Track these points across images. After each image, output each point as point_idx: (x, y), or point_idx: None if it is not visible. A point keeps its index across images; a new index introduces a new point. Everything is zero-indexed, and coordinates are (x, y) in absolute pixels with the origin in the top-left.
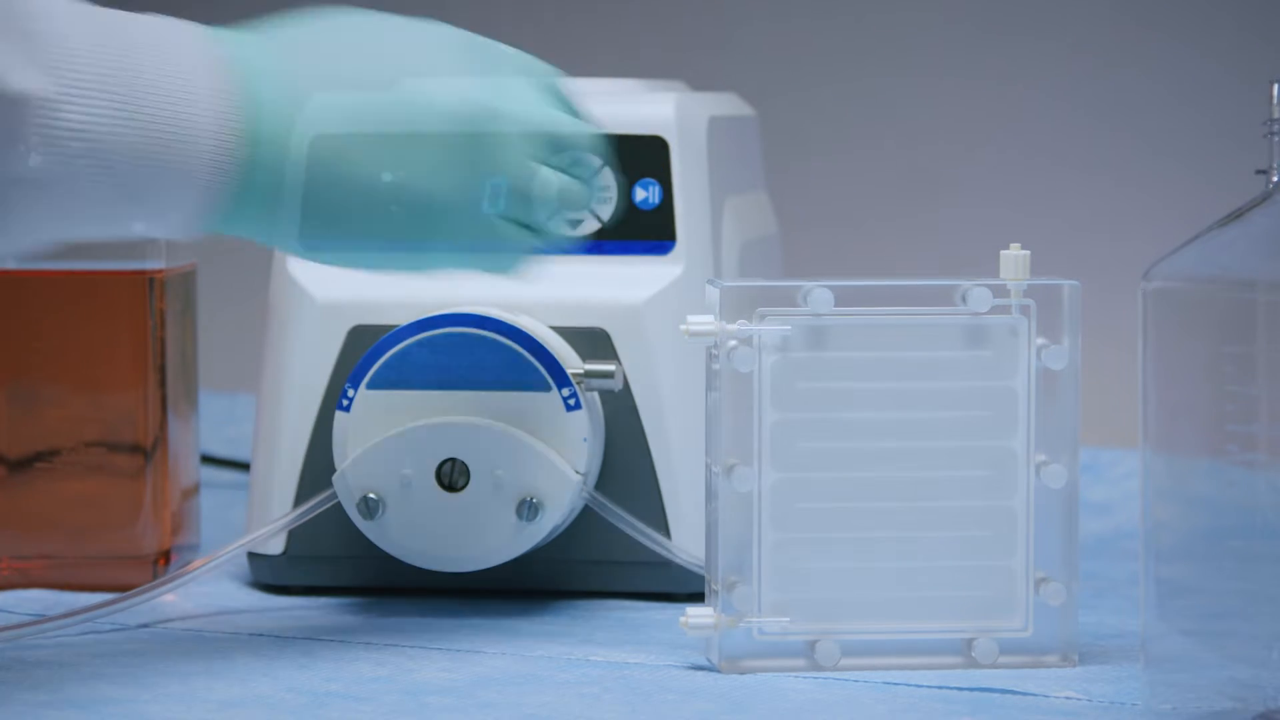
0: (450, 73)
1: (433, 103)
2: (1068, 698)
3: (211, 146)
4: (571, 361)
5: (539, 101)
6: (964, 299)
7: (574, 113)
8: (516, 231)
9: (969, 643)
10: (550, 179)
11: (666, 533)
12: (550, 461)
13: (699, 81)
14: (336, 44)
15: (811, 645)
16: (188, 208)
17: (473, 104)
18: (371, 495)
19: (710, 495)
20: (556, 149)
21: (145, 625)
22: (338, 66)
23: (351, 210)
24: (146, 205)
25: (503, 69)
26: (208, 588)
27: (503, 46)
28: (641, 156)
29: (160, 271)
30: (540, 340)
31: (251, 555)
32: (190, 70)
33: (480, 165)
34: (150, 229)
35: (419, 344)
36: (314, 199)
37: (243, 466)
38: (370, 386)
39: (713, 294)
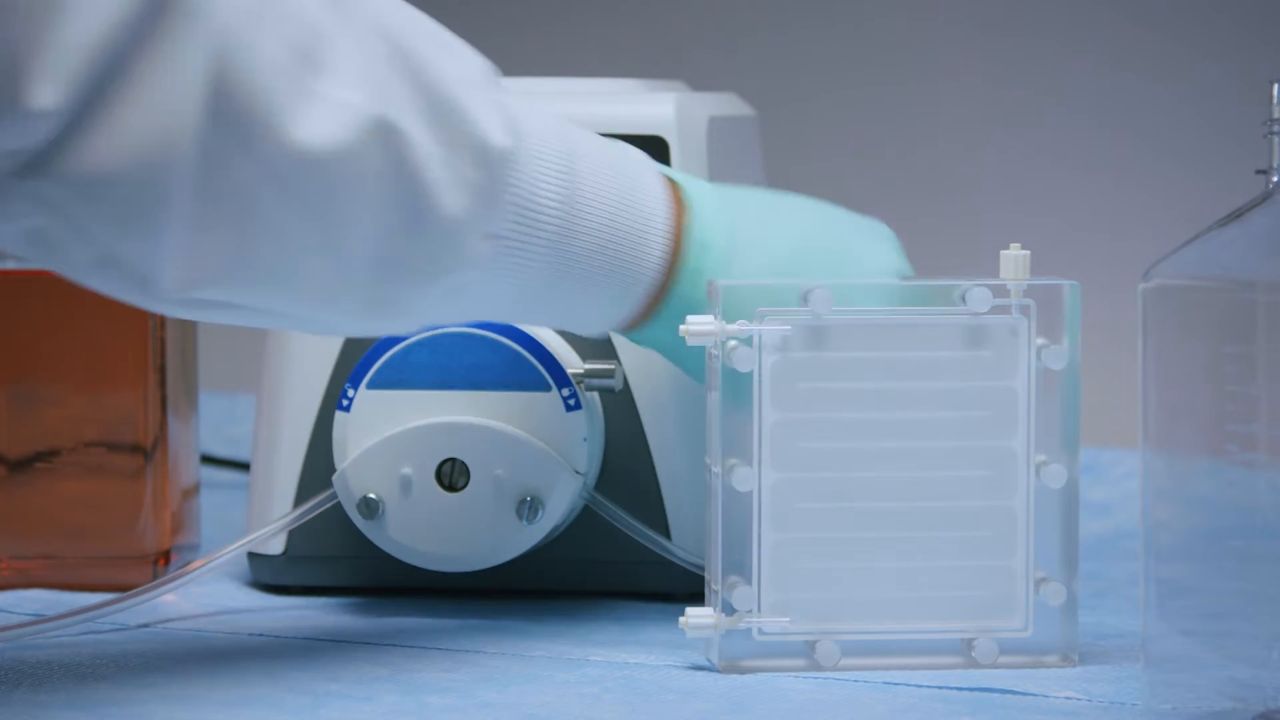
0: (880, 258)
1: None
2: (1068, 698)
3: (651, 252)
4: (571, 361)
5: None
6: (964, 299)
7: None
8: None
9: (969, 643)
10: None
11: (666, 533)
12: (550, 461)
13: (699, 81)
14: (780, 218)
15: (811, 645)
16: (619, 308)
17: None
18: (371, 495)
19: (710, 495)
20: None
21: (145, 625)
22: (778, 237)
23: None
24: (580, 297)
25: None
26: (208, 588)
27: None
28: None
29: None
30: (540, 340)
31: (251, 555)
32: (648, 186)
33: None
34: (572, 320)
35: (419, 344)
36: None
37: (243, 466)
38: (370, 386)
39: (713, 294)
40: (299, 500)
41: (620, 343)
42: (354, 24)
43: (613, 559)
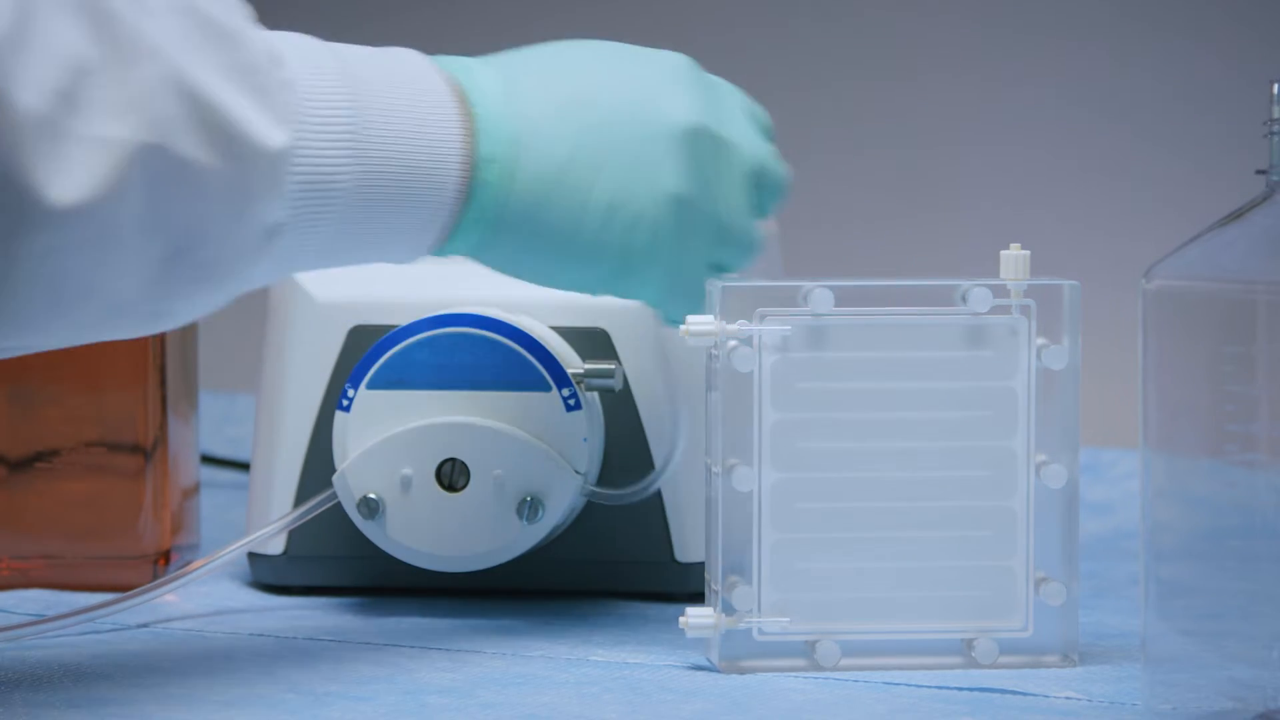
0: (677, 102)
1: (664, 121)
2: (1068, 698)
3: (447, 180)
4: (571, 361)
5: (757, 138)
6: (964, 299)
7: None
8: (709, 270)
9: (969, 643)
10: (758, 228)
11: (666, 533)
12: (550, 461)
13: None
14: (563, 67)
15: (811, 645)
16: (423, 239)
17: (702, 131)
18: (371, 495)
19: (710, 495)
20: (760, 189)
21: (145, 625)
22: (564, 88)
23: (567, 229)
24: (383, 240)
25: (727, 103)
26: (208, 588)
27: (723, 82)
28: None
29: None
30: (540, 340)
31: (251, 555)
32: (423, 105)
33: (703, 194)
34: (379, 258)
35: (419, 344)
36: (533, 216)
37: (243, 466)
38: (370, 386)
39: (713, 294)
40: (299, 500)
41: (620, 343)
42: (121, 47)
43: (613, 559)
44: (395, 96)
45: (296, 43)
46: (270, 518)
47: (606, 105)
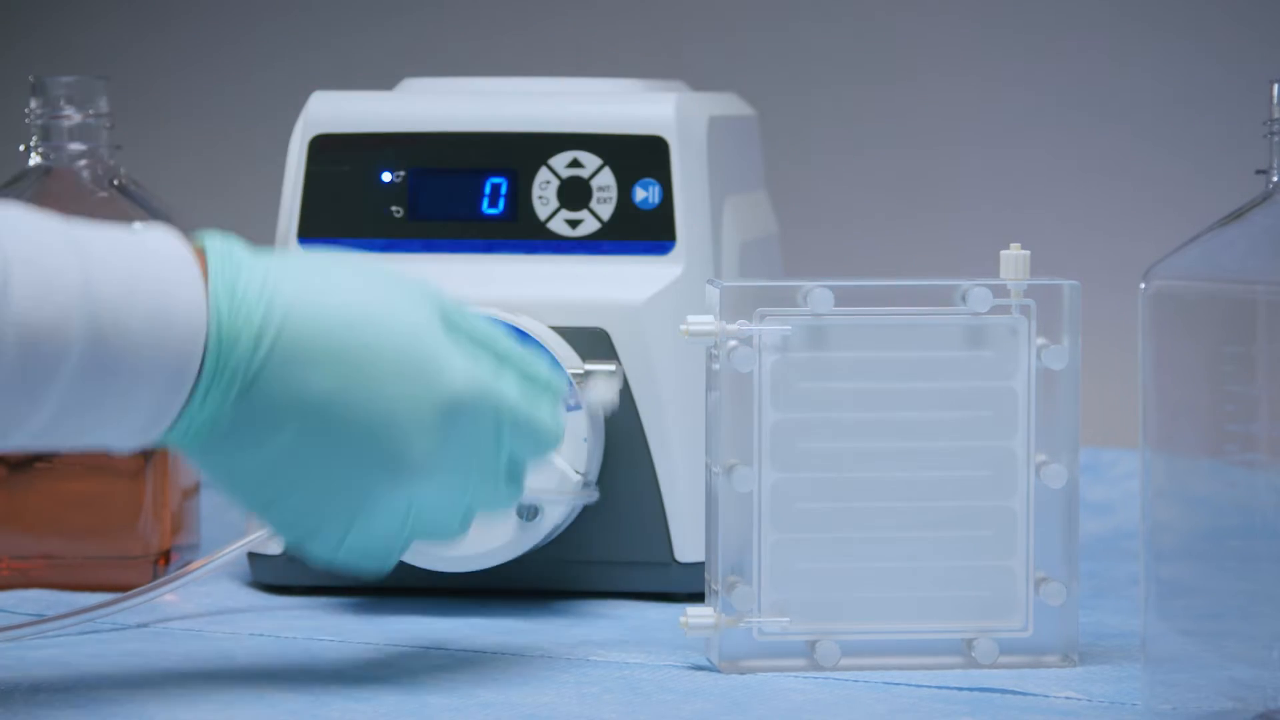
0: (425, 332)
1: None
2: (1068, 698)
3: (177, 354)
4: (571, 361)
5: (526, 394)
6: (964, 299)
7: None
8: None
9: (969, 643)
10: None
11: (666, 533)
12: (550, 461)
13: (699, 81)
14: (319, 273)
15: (811, 645)
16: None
17: (477, 382)
18: None
19: (710, 495)
20: (526, 446)
21: (145, 625)
22: (315, 291)
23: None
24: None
25: (489, 347)
26: (208, 588)
27: (477, 317)
28: (641, 156)
29: None
30: (540, 340)
31: (251, 555)
32: (166, 281)
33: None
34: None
35: None
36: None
37: None
38: None
39: (713, 294)
40: None
41: (620, 343)
42: None
43: (613, 559)
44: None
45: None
46: None
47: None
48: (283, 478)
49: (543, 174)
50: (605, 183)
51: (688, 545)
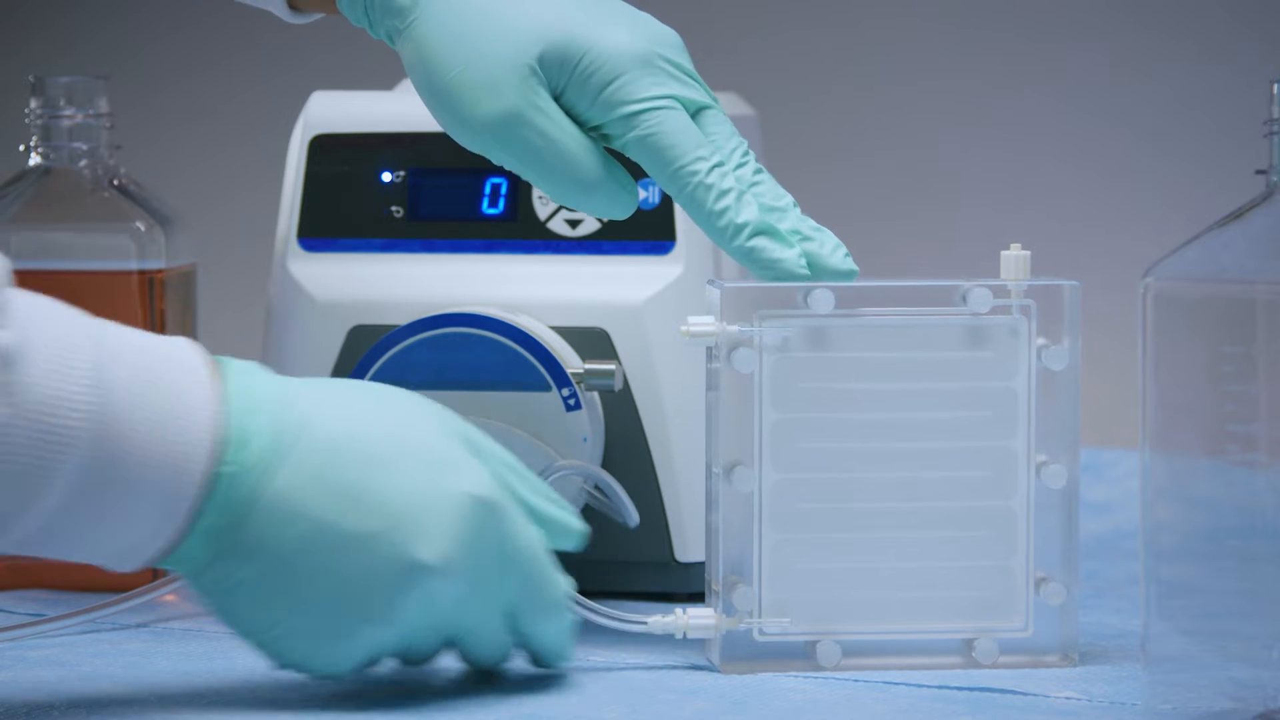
0: (442, 441)
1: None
2: (1068, 698)
3: (185, 453)
4: (571, 361)
5: (537, 541)
6: (964, 299)
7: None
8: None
9: (969, 643)
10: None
11: (666, 533)
12: (550, 461)
13: None
14: (338, 389)
15: (811, 645)
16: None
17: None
18: None
19: (710, 496)
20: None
21: (145, 625)
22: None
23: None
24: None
25: (510, 469)
26: None
27: (499, 446)
28: None
29: (160, 271)
30: (540, 340)
31: None
32: (182, 406)
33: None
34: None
35: (419, 344)
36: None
37: None
38: None
39: (713, 295)
40: None
41: (620, 343)
42: None
43: (613, 559)
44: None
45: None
46: None
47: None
48: (288, 589)
49: None
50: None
51: (688, 545)
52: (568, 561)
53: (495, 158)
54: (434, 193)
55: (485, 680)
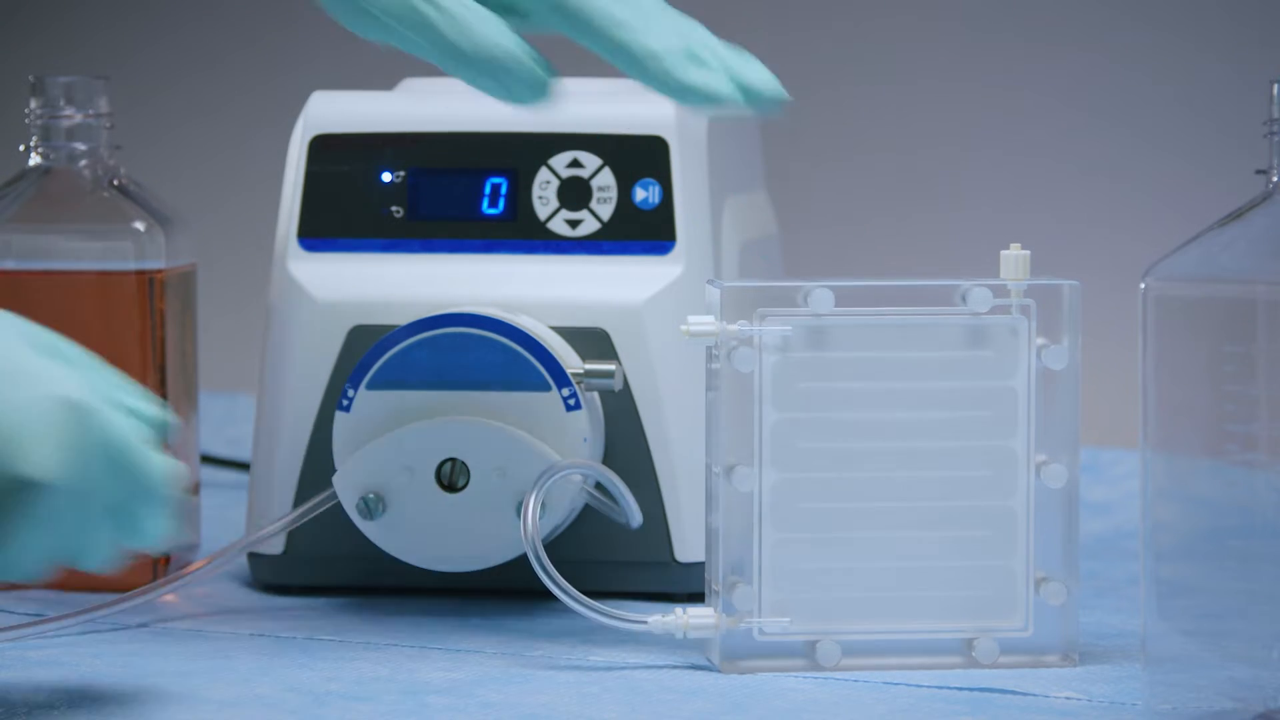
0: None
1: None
2: (1068, 698)
3: None
4: (571, 361)
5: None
6: (964, 299)
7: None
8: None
9: (969, 643)
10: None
11: (666, 533)
12: (550, 461)
13: None
14: None
15: (811, 645)
16: None
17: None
18: (371, 495)
19: (710, 496)
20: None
21: (145, 625)
22: None
23: None
24: None
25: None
26: (208, 588)
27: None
28: (641, 156)
29: (160, 271)
30: (540, 340)
31: (251, 555)
32: None
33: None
34: None
35: (419, 344)
36: None
37: (243, 466)
38: (370, 386)
39: (713, 294)
40: (299, 500)
41: (620, 343)
42: None
43: (613, 559)
44: None
45: None
46: (270, 518)
47: None
48: None
49: (543, 174)
50: (605, 183)
51: (688, 545)
52: (568, 562)
53: (400, 42)
54: (434, 193)
55: (485, 680)
